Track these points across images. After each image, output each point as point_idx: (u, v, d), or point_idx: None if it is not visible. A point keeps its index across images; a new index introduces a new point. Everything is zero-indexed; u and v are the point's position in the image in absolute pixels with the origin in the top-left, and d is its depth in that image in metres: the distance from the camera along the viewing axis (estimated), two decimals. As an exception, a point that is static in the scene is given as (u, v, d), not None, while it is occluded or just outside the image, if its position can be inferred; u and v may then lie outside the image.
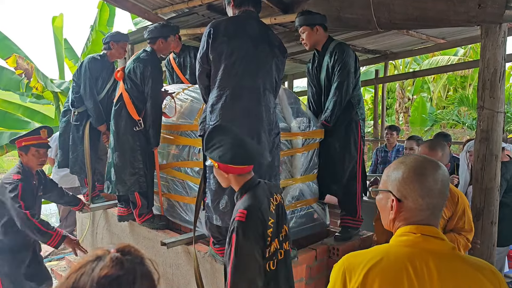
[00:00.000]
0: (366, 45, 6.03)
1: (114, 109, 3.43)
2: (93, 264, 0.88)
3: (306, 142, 3.20)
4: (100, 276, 0.86)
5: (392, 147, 5.71)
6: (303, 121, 3.18)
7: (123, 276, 0.87)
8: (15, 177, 2.96)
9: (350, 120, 3.20)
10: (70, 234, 3.14)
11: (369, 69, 12.27)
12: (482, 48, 2.71)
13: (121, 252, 0.91)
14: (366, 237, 3.31)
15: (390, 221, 1.22)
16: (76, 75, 4.15)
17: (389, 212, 1.21)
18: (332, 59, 3.12)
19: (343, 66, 3.08)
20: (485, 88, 2.69)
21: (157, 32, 3.44)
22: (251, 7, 2.64)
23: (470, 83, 14.37)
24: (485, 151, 2.72)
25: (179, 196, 3.30)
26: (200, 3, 4.10)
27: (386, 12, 2.95)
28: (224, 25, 2.56)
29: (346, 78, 3.07)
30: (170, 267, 3.23)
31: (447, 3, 2.68)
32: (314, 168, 3.29)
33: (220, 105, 2.49)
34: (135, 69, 3.34)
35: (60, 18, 9.12)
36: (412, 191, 1.16)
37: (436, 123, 14.04)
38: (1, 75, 8.11)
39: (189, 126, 3.21)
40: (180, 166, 3.29)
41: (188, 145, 3.22)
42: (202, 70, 2.62)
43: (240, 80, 2.51)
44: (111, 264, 0.88)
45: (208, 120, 2.54)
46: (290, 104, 3.20)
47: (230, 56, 2.50)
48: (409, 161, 1.20)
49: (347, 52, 3.11)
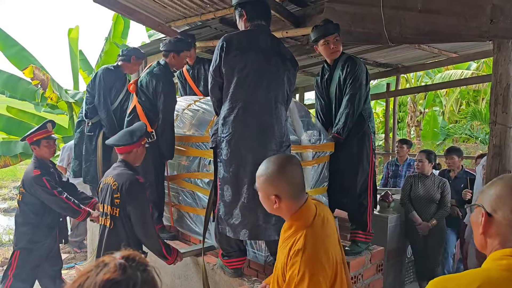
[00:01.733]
0: (377, 58, 6.04)
1: (127, 120, 3.47)
2: (98, 269, 0.92)
3: (316, 155, 3.18)
4: (103, 280, 0.90)
5: (403, 161, 5.66)
6: (313, 134, 3.18)
7: (124, 281, 0.91)
8: (35, 173, 3.27)
9: (362, 133, 3.18)
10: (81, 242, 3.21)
11: (381, 82, 12.25)
12: (495, 63, 2.70)
13: (125, 259, 0.95)
14: (377, 251, 3.28)
15: (480, 237, 1.19)
16: (91, 86, 4.22)
17: (479, 227, 1.18)
18: (344, 71, 3.11)
19: (355, 78, 3.07)
20: (498, 103, 2.67)
21: (171, 46, 3.48)
22: (263, 21, 2.67)
23: (483, 97, 14.25)
24: (498, 166, 2.70)
25: (189, 207, 3.31)
26: (213, 16, 4.17)
27: (397, 26, 2.96)
28: (236, 38, 2.58)
29: (358, 91, 3.06)
30: (178, 278, 3.23)
31: (458, 18, 2.69)
32: (324, 181, 3.28)
33: (232, 117, 2.51)
34: (148, 84, 3.39)
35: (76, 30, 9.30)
36: (504, 205, 1.13)
37: (448, 137, 13.91)
38: (18, 85, 8.27)
39: (200, 138, 3.24)
40: (190, 177, 3.31)
41: (198, 157, 3.24)
42: (214, 83, 2.64)
43: (252, 93, 2.53)
44: (114, 269, 0.91)
45: (220, 133, 2.56)
46: (301, 117, 3.20)
47: (243, 69, 2.52)
48: (507, 178, 1.18)
49: (359, 65, 3.11)
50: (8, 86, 8.20)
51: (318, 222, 1.60)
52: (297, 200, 1.62)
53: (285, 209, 1.61)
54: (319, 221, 1.61)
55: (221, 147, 2.54)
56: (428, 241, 4.11)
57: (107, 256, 0.96)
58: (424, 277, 4.25)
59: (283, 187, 1.59)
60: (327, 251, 1.54)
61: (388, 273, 3.97)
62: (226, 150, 2.51)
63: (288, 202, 1.60)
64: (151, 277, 0.96)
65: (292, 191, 1.60)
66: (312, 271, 1.47)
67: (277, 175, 1.59)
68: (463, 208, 4.34)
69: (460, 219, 4.36)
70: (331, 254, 1.55)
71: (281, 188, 1.59)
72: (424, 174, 4.20)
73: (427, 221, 4.07)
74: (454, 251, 4.67)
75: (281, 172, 1.60)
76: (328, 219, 1.66)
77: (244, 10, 2.65)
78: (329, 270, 1.51)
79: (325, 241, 1.56)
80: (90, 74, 8.96)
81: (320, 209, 1.67)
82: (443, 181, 4.17)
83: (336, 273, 1.56)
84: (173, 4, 4.13)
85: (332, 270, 1.54)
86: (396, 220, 4.15)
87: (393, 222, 4.11)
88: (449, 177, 4.55)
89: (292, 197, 1.60)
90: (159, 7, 4.29)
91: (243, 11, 2.66)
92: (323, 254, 1.51)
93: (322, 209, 1.68)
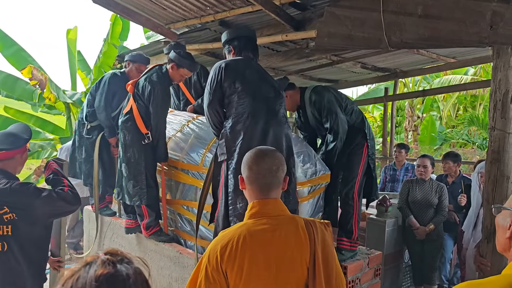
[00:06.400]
0: (376, 63, 6.06)
1: (122, 120, 3.45)
2: (86, 268, 0.94)
3: (312, 189, 3.14)
4: (97, 275, 0.91)
5: (401, 166, 5.68)
6: (310, 168, 3.13)
7: (117, 272, 0.94)
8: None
9: (354, 146, 3.26)
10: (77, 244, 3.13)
11: (379, 86, 12.27)
12: (494, 69, 2.71)
13: (110, 255, 0.97)
14: (375, 256, 3.27)
15: (505, 241, 1.17)
16: (94, 88, 4.18)
17: (505, 231, 1.17)
18: (314, 107, 3.30)
19: (328, 111, 3.22)
20: (497, 109, 2.67)
21: (176, 57, 3.46)
22: (251, 54, 2.81)
23: (481, 103, 14.31)
24: (497, 172, 2.70)
25: (187, 235, 3.34)
26: (213, 19, 4.17)
27: (397, 31, 2.96)
28: (233, 61, 2.72)
29: (336, 121, 3.18)
30: (176, 281, 3.21)
31: (459, 24, 2.70)
32: (319, 211, 3.24)
33: (241, 124, 2.53)
34: (144, 88, 3.37)
35: (74, 31, 9.28)
36: None
37: (445, 142, 13.94)
38: (16, 85, 8.24)
39: (196, 167, 3.26)
40: (188, 205, 3.32)
41: (194, 186, 3.26)
42: (213, 99, 2.65)
43: (259, 103, 2.59)
44: (103, 265, 0.94)
45: (231, 143, 2.54)
46: (297, 152, 3.07)
47: (245, 82, 2.61)
48: None
49: (323, 96, 3.27)
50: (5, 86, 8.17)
51: (258, 227, 1.49)
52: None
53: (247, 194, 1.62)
54: (261, 227, 1.49)
55: (232, 157, 2.52)
56: (425, 246, 4.12)
57: (88, 257, 0.98)
58: (421, 282, 4.25)
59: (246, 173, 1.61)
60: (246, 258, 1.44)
61: (385, 277, 3.97)
62: (238, 158, 2.48)
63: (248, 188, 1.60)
64: (139, 268, 0.99)
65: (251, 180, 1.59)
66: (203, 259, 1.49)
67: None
68: (461, 213, 4.35)
69: (457, 224, 4.36)
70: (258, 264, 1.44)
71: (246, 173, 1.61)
72: (423, 179, 4.21)
73: (424, 225, 4.08)
74: (451, 256, 4.68)
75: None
76: (283, 237, 1.48)
77: (232, 46, 2.82)
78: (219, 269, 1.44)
79: (253, 248, 1.44)
80: (88, 75, 8.93)
81: (279, 222, 1.51)
82: (440, 186, 4.18)
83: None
84: (172, 6, 4.12)
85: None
86: (393, 225, 4.16)
87: (391, 226, 4.12)
88: (446, 182, 4.55)
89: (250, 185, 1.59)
90: (158, 9, 4.28)
91: (231, 47, 2.83)
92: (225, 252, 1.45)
93: (287, 226, 1.51)
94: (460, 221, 4.29)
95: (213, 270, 1.43)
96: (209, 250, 1.48)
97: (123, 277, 0.93)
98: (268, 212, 1.52)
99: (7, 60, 8.33)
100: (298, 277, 1.46)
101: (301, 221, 1.53)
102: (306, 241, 1.48)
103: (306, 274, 1.47)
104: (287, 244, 1.47)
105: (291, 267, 1.46)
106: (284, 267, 1.45)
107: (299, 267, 1.47)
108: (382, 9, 2.96)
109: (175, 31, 4.81)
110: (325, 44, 3.39)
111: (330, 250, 1.53)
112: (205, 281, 1.43)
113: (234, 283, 1.42)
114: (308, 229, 1.51)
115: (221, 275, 1.43)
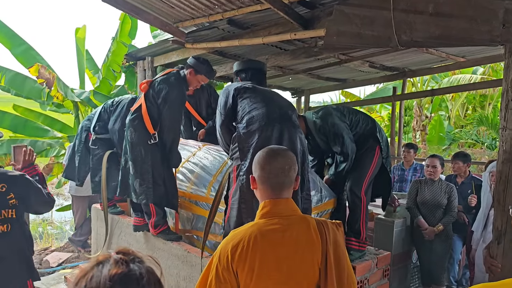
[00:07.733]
0: (384, 62, 6.02)
1: (129, 118, 3.44)
2: (99, 267, 0.94)
3: (319, 215, 3.14)
4: (111, 275, 0.91)
5: (409, 165, 5.63)
6: (315, 195, 3.11)
7: (131, 272, 0.94)
8: None
9: (365, 150, 3.28)
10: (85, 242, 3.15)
11: (387, 86, 12.20)
12: (506, 67, 2.67)
13: (122, 254, 0.97)
14: (383, 256, 3.25)
15: None
16: (110, 107, 4.16)
17: None
18: (321, 134, 3.34)
19: (335, 135, 3.24)
20: (508, 108, 2.63)
21: (195, 63, 3.49)
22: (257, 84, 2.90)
23: (490, 102, 14.18)
24: (508, 172, 2.66)
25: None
26: (221, 17, 4.16)
27: (407, 30, 2.93)
28: (243, 83, 2.84)
29: (345, 144, 3.20)
30: (184, 279, 3.21)
31: (470, 22, 2.66)
32: None
33: (256, 125, 2.54)
34: (160, 91, 3.37)
35: (83, 29, 9.31)
36: None
37: (454, 142, 13.84)
38: (24, 83, 8.29)
39: (202, 197, 3.29)
40: (199, 235, 3.33)
41: (202, 216, 3.27)
42: (225, 118, 2.74)
43: (272, 107, 2.63)
44: (116, 264, 0.94)
45: (244, 144, 2.54)
46: None
47: (258, 91, 2.72)
48: None
49: (326, 119, 3.29)
50: (14, 85, 8.22)
51: (269, 227, 1.47)
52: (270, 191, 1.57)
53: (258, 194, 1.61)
54: (272, 227, 1.47)
55: (246, 158, 2.51)
56: (434, 247, 4.08)
57: (100, 256, 0.98)
58: (429, 283, 4.21)
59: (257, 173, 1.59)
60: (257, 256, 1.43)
61: (393, 278, 3.94)
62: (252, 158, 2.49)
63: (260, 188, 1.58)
64: (151, 267, 1.00)
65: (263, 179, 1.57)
66: (213, 259, 1.48)
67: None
68: (470, 214, 4.30)
69: (466, 225, 4.32)
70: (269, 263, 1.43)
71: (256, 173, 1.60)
72: (432, 179, 4.17)
73: (433, 226, 4.04)
74: (460, 257, 4.63)
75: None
76: (294, 237, 1.46)
77: (239, 77, 3.03)
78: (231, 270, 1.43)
79: (264, 247, 1.43)
80: (96, 74, 8.95)
81: (290, 223, 1.49)
82: (450, 186, 4.14)
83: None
84: (181, 4, 4.12)
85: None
86: (402, 225, 4.12)
87: (399, 226, 4.09)
88: (456, 182, 4.51)
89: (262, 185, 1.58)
90: (167, 8, 4.28)
91: (238, 78, 3.04)
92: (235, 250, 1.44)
93: (298, 226, 1.49)
94: (469, 222, 4.24)
95: (224, 270, 1.42)
96: (220, 249, 1.47)
97: (136, 277, 0.93)
98: (280, 212, 1.51)
99: (16, 58, 8.38)
100: (309, 277, 1.44)
101: (312, 221, 1.51)
102: (318, 241, 1.47)
103: (318, 274, 1.45)
104: (299, 244, 1.45)
105: (302, 267, 1.44)
106: (295, 267, 1.44)
107: (310, 267, 1.45)
108: (392, 7, 2.94)
109: (183, 30, 4.81)
110: (334, 42, 3.37)
111: (342, 250, 1.51)
112: (216, 280, 1.42)
113: (244, 283, 1.41)
114: (320, 230, 1.49)
115: (231, 274, 1.41)
